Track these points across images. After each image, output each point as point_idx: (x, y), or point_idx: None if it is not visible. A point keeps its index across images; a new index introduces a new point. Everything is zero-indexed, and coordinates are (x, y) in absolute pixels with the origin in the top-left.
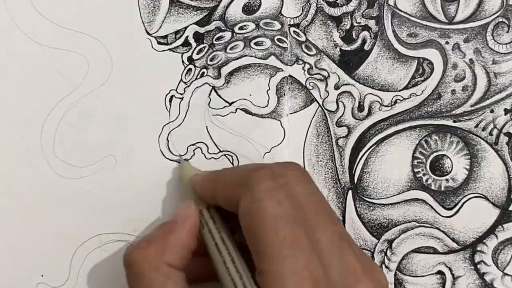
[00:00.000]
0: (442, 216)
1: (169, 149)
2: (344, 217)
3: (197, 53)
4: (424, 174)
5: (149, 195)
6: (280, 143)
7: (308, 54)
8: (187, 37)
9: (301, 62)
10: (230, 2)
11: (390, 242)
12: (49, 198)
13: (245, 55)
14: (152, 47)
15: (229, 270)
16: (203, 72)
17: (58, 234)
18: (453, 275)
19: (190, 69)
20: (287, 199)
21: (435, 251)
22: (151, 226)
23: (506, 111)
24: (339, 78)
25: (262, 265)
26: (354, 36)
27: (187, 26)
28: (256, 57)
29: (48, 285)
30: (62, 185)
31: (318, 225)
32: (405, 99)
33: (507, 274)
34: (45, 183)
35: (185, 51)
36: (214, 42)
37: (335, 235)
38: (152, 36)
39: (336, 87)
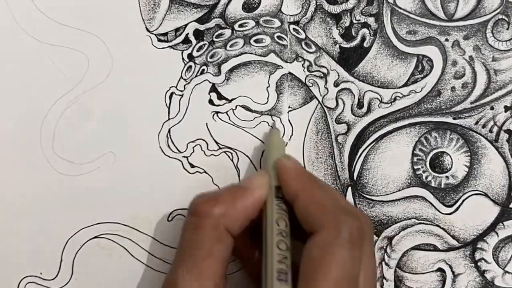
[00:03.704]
0: (442, 213)
1: (168, 146)
2: None
3: (197, 50)
4: (424, 171)
5: (149, 192)
6: None
7: (307, 51)
8: (187, 34)
9: (300, 59)
10: (230, 0)
11: (390, 239)
12: (48, 195)
13: (245, 52)
14: (152, 44)
15: (273, 256)
16: (203, 69)
17: (57, 231)
18: (453, 272)
19: (190, 66)
20: (351, 279)
21: (435, 248)
22: (150, 223)
23: (506, 108)
24: (338, 75)
25: None
26: (353, 33)
27: (187, 24)
28: (256, 54)
29: (48, 281)
30: (61, 182)
31: None
32: (404, 96)
33: (508, 272)
34: (44, 180)
35: (185, 48)
36: (214, 39)
37: None
38: (152, 34)
39: (336, 84)
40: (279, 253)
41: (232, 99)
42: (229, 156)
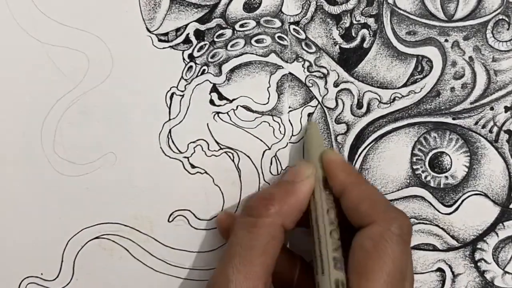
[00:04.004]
0: (442, 213)
1: (169, 146)
2: None
3: (198, 51)
4: (423, 171)
5: (149, 193)
6: (281, 140)
7: (308, 52)
8: (188, 34)
9: (301, 60)
10: (231, 0)
11: None
12: (49, 196)
13: (246, 53)
14: (153, 45)
15: (322, 246)
16: (204, 70)
17: (57, 232)
18: (453, 272)
19: (191, 67)
20: (402, 272)
21: (434, 248)
22: (151, 223)
23: (506, 109)
24: (338, 76)
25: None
26: (353, 34)
27: (188, 24)
28: (256, 54)
29: (49, 282)
30: (62, 183)
31: None
32: (403, 96)
33: (508, 272)
34: (45, 181)
35: (186, 49)
36: (215, 39)
37: None
38: (153, 34)
39: (336, 84)
40: (333, 242)
41: (233, 99)
42: (230, 157)
